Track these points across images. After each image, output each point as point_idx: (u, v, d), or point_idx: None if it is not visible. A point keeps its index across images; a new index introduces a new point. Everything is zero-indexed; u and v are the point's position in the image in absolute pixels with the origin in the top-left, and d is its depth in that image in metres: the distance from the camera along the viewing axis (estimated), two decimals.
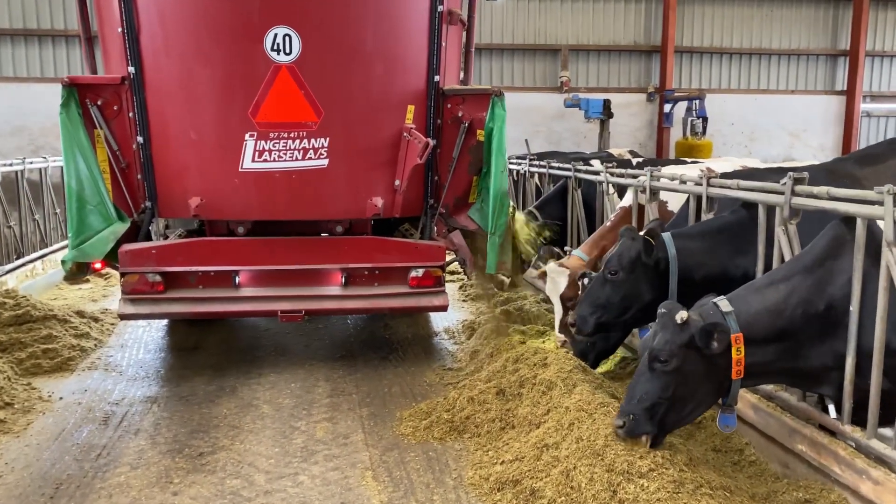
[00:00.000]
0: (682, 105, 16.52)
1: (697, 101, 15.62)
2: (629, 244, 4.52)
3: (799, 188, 4.11)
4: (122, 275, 6.01)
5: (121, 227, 5.94)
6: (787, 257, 4.19)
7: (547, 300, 8.04)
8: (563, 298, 5.66)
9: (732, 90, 17.96)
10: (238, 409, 5.51)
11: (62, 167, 11.30)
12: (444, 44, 6.28)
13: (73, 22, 15.21)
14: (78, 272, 6.09)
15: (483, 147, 6.29)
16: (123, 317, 6.06)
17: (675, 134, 16.97)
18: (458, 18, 6.56)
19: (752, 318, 3.57)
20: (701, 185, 5.07)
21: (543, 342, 6.93)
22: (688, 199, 5.64)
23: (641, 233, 4.62)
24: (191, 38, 5.75)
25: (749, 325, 3.56)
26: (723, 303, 3.62)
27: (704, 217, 5.06)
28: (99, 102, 5.80)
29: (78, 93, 5.74)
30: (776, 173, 6.23)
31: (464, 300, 9.08)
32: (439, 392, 5.84)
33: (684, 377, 3.59)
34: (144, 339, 7.49)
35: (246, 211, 6.13)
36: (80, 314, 7.68)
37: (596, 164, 7.93)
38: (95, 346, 7.07)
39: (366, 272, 6.28)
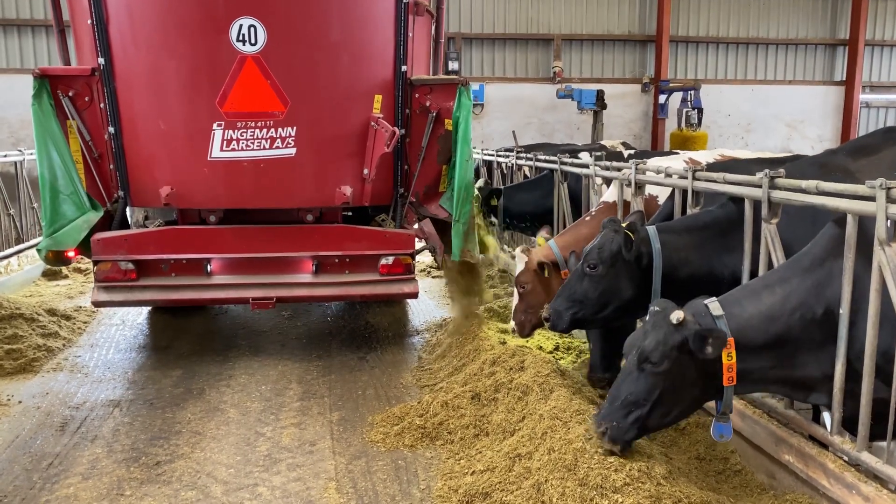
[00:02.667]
0: (678, 96, 16.16)
1: (693, 92, 15.24)
2: (611, 237, 4.25)
3: (784, 182, 3.86)
4: (95, 263, 6.09)
5: (94, 216, 6.03)
6: (774, 255, 3.94)
7: None
8: (516, 282, 5.48)
9: (729, 80, 17.58)
10: (203, 414, 5.27)
11: None
12: (410, 34, 6.31)
13: (48, 12, 14.88)
14: (55, 260, 6.15)
15: (451, 136, 6.35)
16: (97, 304, 6.16)
17: (671, 125, 16.62)
18: (424, 9, 6.60)
19: (745, 322, 3.35)
20: (686, 178, 4.81)
21: (527, 341, 6.69)
22: (672, 193, 5.40)
23: (623, 225, 4.36)
24: (158, 30, 5.80)
25: (742, 331, 3.33)
26: (713, 305, 3.39)
27: (690, 212, 4.80)
28: (70, 93, 5.89)
29: (49, 84, 5.82)
30: (761, 164, 5.98)
31: (449, 297, 8.83)
32: (414, 395, 5.60)
33: (673, 381, 3.39)
34: (116, 338, 7.25)
35: (215, 199, 6.17)
36: (51, 312, 7.45)
37: (584, 157, 7.65)
38: (63, 345, 6.83)
39: (336, 260, 6.35)
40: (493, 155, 10.35)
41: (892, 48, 18.15)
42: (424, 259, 10.72)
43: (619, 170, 6.03)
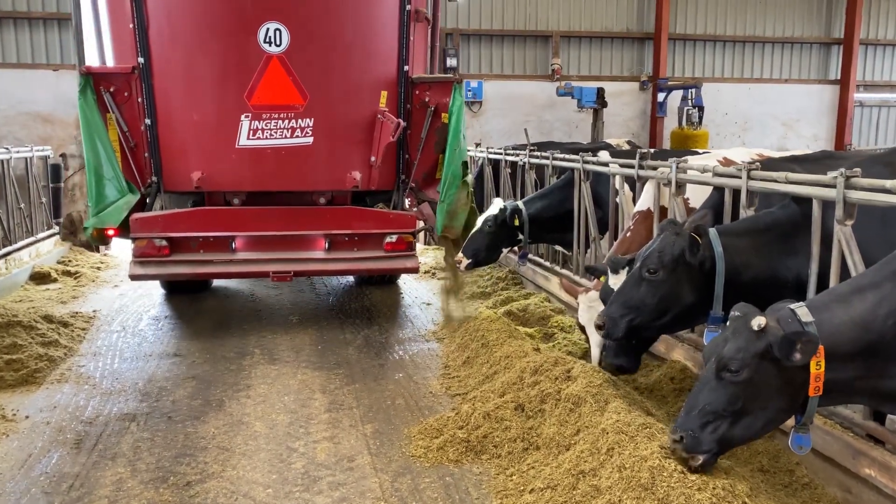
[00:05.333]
0: (676, 94, 16.07)
1: (693, 90, 15.15)
2: (672, 240, 4.04)
3: (864, 182, 3.69)
4: (133, 240, 6.75)
5: (132, 199, 6.69)
6: (850, 259, 3.76)
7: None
8: (596, 328, 5.16)
9: (726, 79, 17.49)
10: (227, 428, 4.96)
11: (27, 158, 10.72)
12: (412, 38, 7.10)
13: (32, 3, 14.27)
14: (98, 238, 6.80)
15: (447, 128, 7.06)
16: (134, 277, 6.84)
17: (669, 124, 16.51)
18: (423, 16, 7.47)
19: (835, 329, 3.13)
20: (740, 177, 4.62)
21: (553, 346, 6.48)
22: (712, 194, 5.22)
23: (685, 227, 4.15)
24: (194, 32, 6.53)
25: (832, 338, 3.12)
26: (802, 311, 3.17)
27: (743, 214, 4.62)
28: (111, 89, 6.58)
29: (93, 80, 6.51)
30: (801, 164, 5.82)
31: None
32: (447, 404, 5.35)
33: (756, 390, 3.18)
34: (119, 345, 6.90)
35: (241, 183, 6.91)
36: (48, 319, 7.07)
37: (604, 156, 7.43)
38: (65, 354, 6.47)
39: (346, 238, 7.06)
40: (500, 153, 10.10)
41: (886, 47, 18.24)
42: (427, 261, 10.49)
43: (655, 168, 5.84)
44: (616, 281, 4.85)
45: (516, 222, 7.39)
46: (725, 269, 4.07)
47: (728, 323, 3.36)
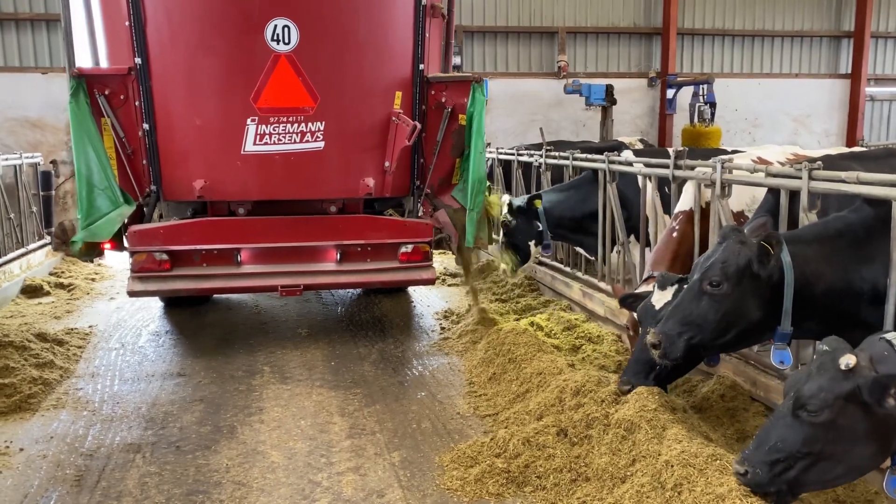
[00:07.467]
0: (685, 91, 15.65)
1: (705, 86, 14.74)
2: (737, 249, 3.64)
3: None
4: (132, 254, 6.36)
5: (127, 210, 6.25)
6: None
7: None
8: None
9: (735, 74, 17.07)
10: (242, 459, 4.55)
11: (16, 165, 10.28)
12: (427, 35, 6.68)
13: (19, 4, 13.74)
14: (88, 252, 6.35)
15: (465, 131, 6.64)
16: (132, 294, 6.41)
17: (679, 121, 16.10)
18: (439, 12, 7.06)
19: None
20: (800, 177, 4.24)
21: (582, 359, 6.09)
22: (766, 198, 4.84)
23: (745, 231, 3.77)
24: (195, 30, 6.06)
25: None
26: None
27: (804, 218, 4.23)
28: (106, 92, 6.12)
29: (86, 83, 6.04)
30: (857, 161, 5.45)
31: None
32: (477, 427, 4.96)
33: (838, 433, 2.83)
34: (119, 365, 6.48)
35: (247, 191, 6.46)
36: (42, 337, 6.64)
37: (628, 155, 7.05)
38: (61, 377, 6.03)
39: (359, 248, 6.70)
40: (512, 154, 9.70)
41: None
42: (440, 268, 10.08)
43: (692, 168, 5.46)
44: (661, 298, 4.48)
45: (538, 204, 7.17)
46: (795, 280, 3.69)
47: (814, 357, 3.01)
